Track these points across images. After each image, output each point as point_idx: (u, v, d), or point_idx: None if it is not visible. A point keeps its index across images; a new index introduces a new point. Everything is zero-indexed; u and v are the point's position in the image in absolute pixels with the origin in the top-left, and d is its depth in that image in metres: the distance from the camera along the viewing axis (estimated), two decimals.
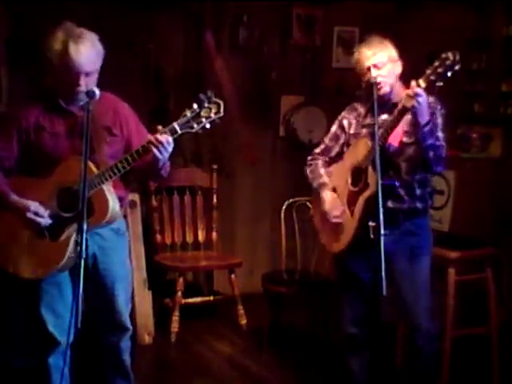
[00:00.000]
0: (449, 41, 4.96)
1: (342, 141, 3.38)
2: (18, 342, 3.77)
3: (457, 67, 2.83)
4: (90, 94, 2.71)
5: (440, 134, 3.13)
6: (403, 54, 3.24)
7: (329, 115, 5.30)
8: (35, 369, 3.16)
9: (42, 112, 2.94)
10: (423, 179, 3.23)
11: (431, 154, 3.06)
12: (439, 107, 3.17)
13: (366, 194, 3.13)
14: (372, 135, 3.03)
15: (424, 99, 2.94)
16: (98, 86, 2.85)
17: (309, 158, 3.51)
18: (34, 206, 2.88)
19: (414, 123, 3.03)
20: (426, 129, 3.00)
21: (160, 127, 2.83)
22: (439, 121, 3.16)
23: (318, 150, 3.48)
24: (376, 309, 2.76)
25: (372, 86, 3.06)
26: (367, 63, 3.14)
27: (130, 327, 3.19)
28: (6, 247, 2.95)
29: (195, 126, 2.79)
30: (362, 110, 3.33)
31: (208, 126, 2.80)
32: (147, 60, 4.91)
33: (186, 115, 2.79)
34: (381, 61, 3.12)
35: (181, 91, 4.90)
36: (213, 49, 5.08)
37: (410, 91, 2.93)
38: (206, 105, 2.78)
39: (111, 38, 2.94)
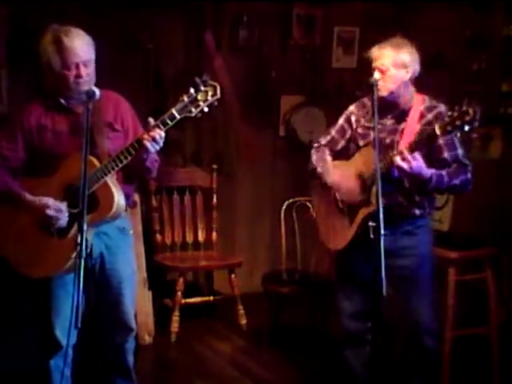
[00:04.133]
0: (449, 41, 4.97)
1: (347, 136, 3.35)
2: (19, 343, 3.77)
3: (475, 124, 2.78)
4: (90, 93, 2.72)
5: (460, 152, 3.11)
6: None
7: (329, 115, 5.30)
8: (35, 370, 3.16)
9: (44, 112, 2.96)
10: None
11: (454, 191, 3.14)
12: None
13: (367, 210, 3.11)
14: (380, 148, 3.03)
15: (417, 165, 2.93)
16: (98, 85, 2.86)
17: (315, 145, 3.44)
18: (52, 202, 2.88)
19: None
20: (432, 184, 3.01)
21: (151, 120, 2.83)
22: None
23: (323, 142, 3.41)
24: (377, 307, 2.76)
25: (372, 86, 3.04)
26: (373, 64, 3.12)
27: (135, 327, 3.20)
28: (16, 247, 2.95)
29: (193, 110, 2.80)
30: (370, 105, 3.30)
31: (206, 109, 2.81)
32: (147, 60, 4.91)
33: (183, 100, 2.80)
34: (383, 64, 3.08)
35: (181, 91, 4.87)
36: (213, 49, 5.08)
37: (399, 162, 2.92)
38: (203, 88, 2.79)
39: (111, 38, 2.96)
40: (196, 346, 4.51)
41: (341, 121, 3.38)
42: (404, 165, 2.92)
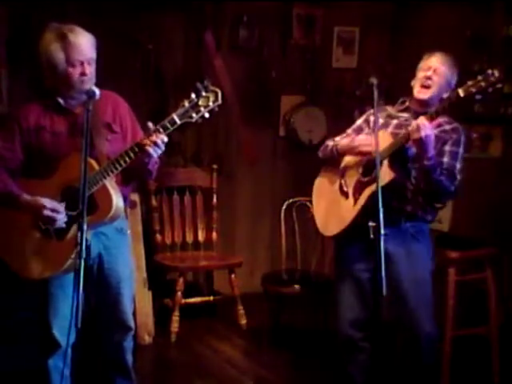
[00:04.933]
0: (449, 41, 4.96)
1: (363, 133, 3.37)
2: (18, 343, 3.77)
3: (499, 85, 2.89)
4: (90, 93, 2.72)
5: (458, 166, 3.19)
6: (403, 54, 3.23)
7: (329, 115, 5.32)
8: (34, 371, 3.16)
9: (42, 112, 2.95)
10: (428, 193, 3.23)
11: (437, 188, 3.14)
12: (459, 133, 3.22)
13: (372, 188, 3.11)
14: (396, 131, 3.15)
15: (431, 133, 2.99)
16: (98, 85, 2.86)
17: (327, 142, 3.49)
18: (49, 203, 2.86)
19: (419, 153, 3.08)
20: (431, 163, 3.04)
21: (150, 124, 2.83)
22: (460, 150, 3.21)
23: (337, 138, 3.45)
24: (376, 309, 2.76)
25: (372, 86, 3.04)
26: (429, 63, 3.20)
27: (133, 326, 3.20)
28: (15, 248, 2.95)
29: (194, 115, 2.80)
30: (392, 111, 3.34)
31: (207, 115, 2.80)
32: (147, 60, 4.91)
33: (184, 105, 2.79)
34: (440, 71, 3.18)
35: (181, 91, 4.90)
36: (213, 49, 5.08)
37: (420, 122, 2.98)
38: (204, 94, 2.78)
39: (111, 38, 2.95)
40: (196, 346, 4.51)
41: (359, 121, 3.45)
42: (423, 125, 2.97)
